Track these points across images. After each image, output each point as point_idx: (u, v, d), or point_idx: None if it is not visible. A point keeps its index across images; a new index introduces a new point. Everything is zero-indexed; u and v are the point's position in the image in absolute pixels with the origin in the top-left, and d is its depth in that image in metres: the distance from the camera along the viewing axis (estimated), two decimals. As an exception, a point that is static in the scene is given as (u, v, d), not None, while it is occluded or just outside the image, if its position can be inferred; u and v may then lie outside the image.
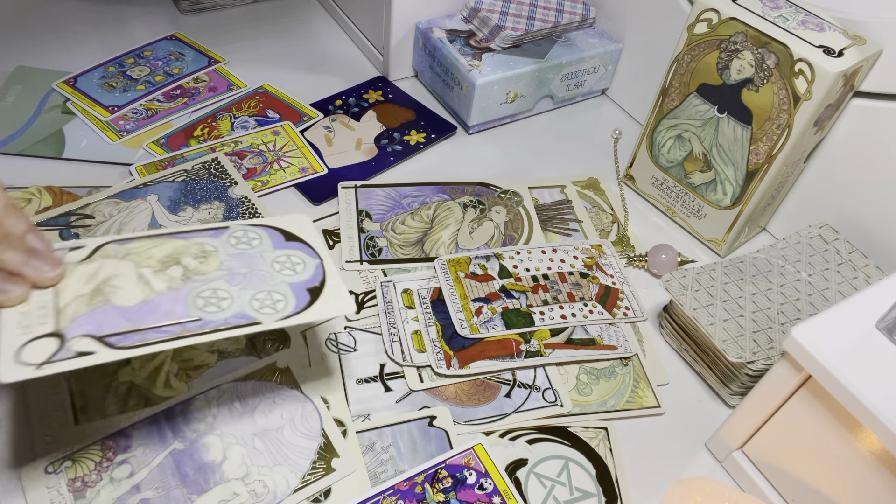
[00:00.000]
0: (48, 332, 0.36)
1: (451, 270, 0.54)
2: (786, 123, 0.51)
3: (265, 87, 0.71)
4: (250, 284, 0.41)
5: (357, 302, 0.52)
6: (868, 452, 0.38)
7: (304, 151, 0.64)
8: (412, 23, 0.71)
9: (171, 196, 0.58)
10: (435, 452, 0.45)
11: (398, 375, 0.49)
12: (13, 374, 0.34)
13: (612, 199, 0.65)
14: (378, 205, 0.60)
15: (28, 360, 0.35)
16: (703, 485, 0.39)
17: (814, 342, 0.37)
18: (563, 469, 0.45)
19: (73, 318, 0.37)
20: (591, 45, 0.70)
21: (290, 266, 0.43)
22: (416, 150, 0.66)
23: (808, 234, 0.56)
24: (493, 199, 0.62)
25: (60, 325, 0.36)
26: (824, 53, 0.48)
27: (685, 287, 0.51)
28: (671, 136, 0.60)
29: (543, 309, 0.53)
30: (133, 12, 0.78)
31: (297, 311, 0.40)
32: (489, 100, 0.66)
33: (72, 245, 0.41)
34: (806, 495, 0.42)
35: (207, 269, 0.41)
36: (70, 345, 0.36)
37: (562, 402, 0.48)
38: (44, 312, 0.37)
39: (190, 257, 0.42)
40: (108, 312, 0.38)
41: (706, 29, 0.53)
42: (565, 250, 0.57)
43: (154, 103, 0.67)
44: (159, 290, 0.39)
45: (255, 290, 0.41)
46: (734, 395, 0.49)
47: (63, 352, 0.35)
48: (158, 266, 0.41)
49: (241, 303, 0.40)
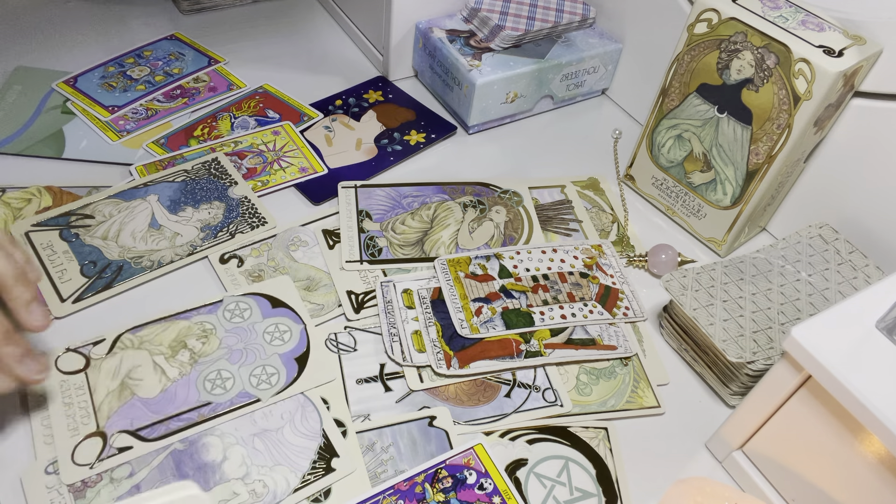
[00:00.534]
0: (92, 431, 0.43)
1: (451, 270, 0.54)
2: (786, 123, 0.51)
3: (265, 87, 0.71)
4: (247, 361, 0.48)
5: (357, 302, 0.52)
6: (868, 452, 0.38)
7: (304, 151, 0.64)
8: (412, 23, 0.71)
9: (171, 196, 0.58)
10: (435, 452, 0.45)
11: (398, 375, 0.49)
12: (72, 477, 0.41)
13: (612, 199, 0.65)
14: (378, 205, 0.60)
15: (82, 461, 0.42)
16: (703, 485, 0.39)
17: (814, 342, 0.37)
18: (563, 469, 0.45)
19: (109, 416, 0.44)
20: (591, 45, 0.70)
21: (279, 335, 0.50)
22: (416, 150, 0.66)
23: (808, 234, 0.56)
24: (493, 199, 0.62)
25: (100, 423, 0.44)
26: (824, 53, 0.48)
27: (685, 287, 0.51)
28: (671, 136, 0.60)
29: (543, 309, 0.53)
30: (133, 12, 0.78)
31: (288, 384, 0.47)
32: (489, 100, 0.66)
33: (94, 340, 0.48)
34: (806, 495, 0.42)
35: (210, 349, 0.48)
36: (111, 441, 0.43)
37: (562, 402, 0.48)
38: (85, 412, 0.44)
39: (194, 338, 0.49)
40: (135, 406, 0.45)
41: (706, 29, 0.53)
42: (565, 250, 0.57)
43: (154, 103, 0.67)
44: (173, 378, 0.46)
45: (252, 367, 0.48)
46: (734, 395, 0.49)
47: (107, 450, 0.43)
48: (169, 352, 0.48)
49: (241, 381, 0.47)
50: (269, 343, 0.49)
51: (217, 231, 0.56)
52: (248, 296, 0.52)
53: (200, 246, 0.55)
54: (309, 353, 0.49)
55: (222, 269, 0.53)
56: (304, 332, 0.50)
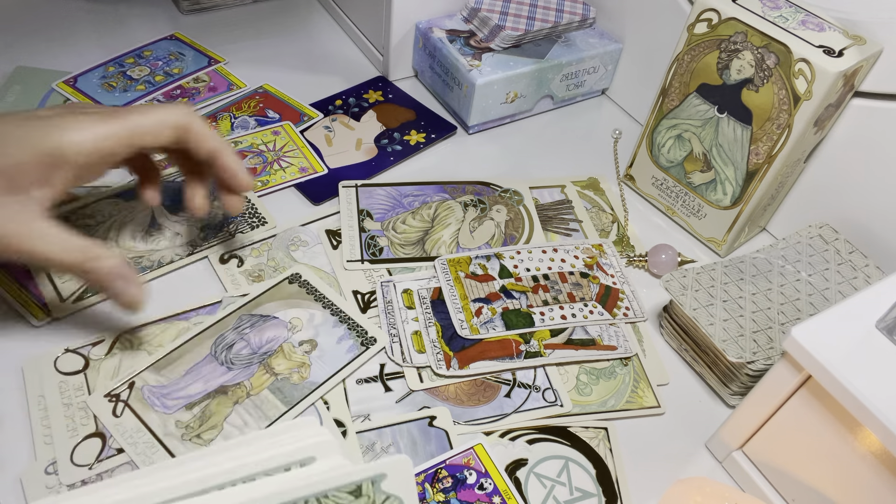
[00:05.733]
0: (91, 432, 0.43)
1: (451, 270, 0.54)
2: (786, 123, 0.51)
3: (265, 87, 0.71)
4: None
5: (364, 302, 0.52)
6: (868, 452, 0.38)
7: (304, 151, 0.64)
8: (412, 23, 0.71)
9: (172, 196, 0.58)
10: (435, 452, 0.45)
11: (398, 375, 0.49)
12: (72, 477, 0.41)
13: (612, 199, 0.65)
14: (379, 204, 0.60)
15: (81, 462, 0.42)
16: (703, 485, 0.39)
17: (814, 342, 0.37)
18: (563, 469, 0.45)
19: None
20: (591, 45, 0.70)
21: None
22: (416, 150, 0.66)
23: (808, 234, 0.56)
24: (493, 198, 0.62)
25: (99, 424, 0.43)
26: (824, 53, 0.48)
27: (685, 287, 0.51)
28: (671, 136, 0.60)
29: (543, 309, 0.53)
30: (133, 12, 0.78)
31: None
32: (489, 100, 0.66)
33: (93, 340, 0.48)
34: (806, 495, 0.42)
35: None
36: (110, 442, 0.43)
37: (562, 402, 0.48)
38: (84, 413, 0.44)
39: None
40: None
41: (706, 29, 0.53)
42: (566, 250, 0.57)
43: (154, 103, 0.67)
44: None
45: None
46: (734, 395, 0.49)
47: (106, 450, 0.42)
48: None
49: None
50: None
51: (217, 231, 0.56)
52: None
53: (200, 246, 0.55)
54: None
55: (222, 269, 0.53)
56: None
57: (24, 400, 0.45)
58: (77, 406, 0.44)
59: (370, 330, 0.49)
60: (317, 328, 0.50)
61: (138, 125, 0.42)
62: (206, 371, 0.46)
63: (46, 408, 0.44)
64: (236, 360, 0.47)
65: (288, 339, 0.48)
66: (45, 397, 0.44)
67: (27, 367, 0.46)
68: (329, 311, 0.50)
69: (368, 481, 0.33)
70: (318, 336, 0.49)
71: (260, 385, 0.46)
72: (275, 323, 0.49)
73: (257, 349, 0.48)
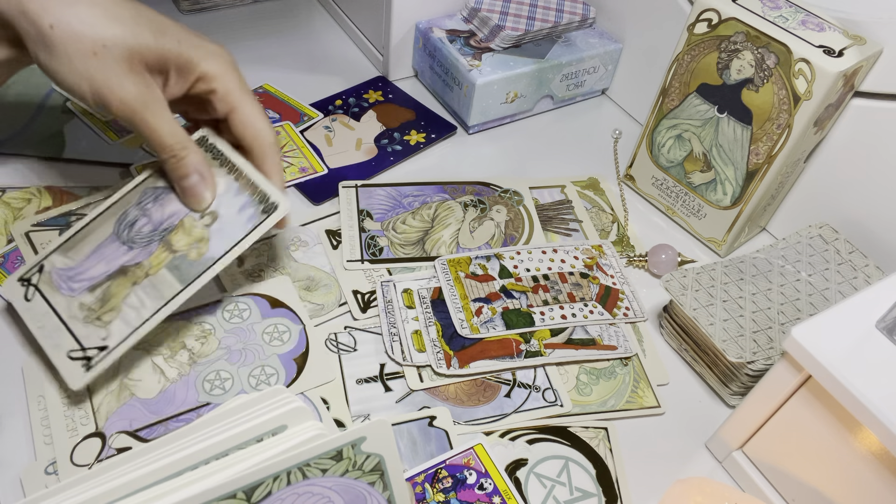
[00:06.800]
0: (91, 432, 0.43)
1: (451, 270, 0.54)
2: (786, 123, 0.51)
3: (265, 87, 0.71)
4: (246, 361, 0.48)
5: (364, 301, 0.52)
6: (868, 452, 0.38)
7: (304, 151, 0.64)
8: (412, 23, 0.71)
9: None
10: (435, 452, 0.45)
11: (398, 375, 0.49)
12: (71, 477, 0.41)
13: (612, 199, 0.65)
14: (379, 204, 0.60)
15: (80, 461, 0.42)
16: (703, 485, 0.39)
17: (814, 342, 0.37)
18: (563, 469, 0.45)
19: (108, 417, 0.44)
20: (591, 45, 0.70)
21: (278, 336, 0.49)
22: (416, 150, 0.66)
23: (808, 234, 0.56)
24: (493, 198, 0.62)
25: (99, 424, 0.43)
26: (824, 53, 0.48)
27: (685, 287, 0.51)
28: (671, 136, 0.60)
29: (544, 309, 0.53)
30: (133, 12, 0.78)
31: (287, 385, 0.47)
32: (489, 100, 0.66)
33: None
34: (806, 495, 0.42)
35: (209, 350, 0.48)
36: (110, 442, 0.43)
37: (562, 402, 0.48)
38: (83, 413, 0.44)
39: (193, 339, 0.48)
40: (134, 407, 0.45)
41: (706, 29, 0.53)
42: (566, 250, 0.57)
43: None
44: (172, 379, 0.46)
45: (251, 367, 0.48)
46: (734, 395, 0.49)
47: (106, 450, 0.42)
48: (168, 352, 0.47)
49: (240, 382, 0.47)
50: (268, 343, 0.49)
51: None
52: (247, 296, 0.52)
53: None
54: (308, 353, 0.49)
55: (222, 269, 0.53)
56: (303, 333, 0.50)
57: (24, 400, 0.45)
58: (77, 406, 0.44)
59: (272, 195, 0.46)
60: (219, 198, 0.47)
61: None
62: (108, 252, 0.46)
63: (46, 408, 0.44)
64: (137, 239, 0.46)
65: (189, 212, 0.47)
66: (45, 397, 0.44)
67: (27, 367, 0.46)
68: (233, 177, 0.47)
69: (349, 445, 0.34)
70: (220, 207, 0.47)
71: (158, 264, 0.45)
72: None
73: (158, 225, 0.46)
